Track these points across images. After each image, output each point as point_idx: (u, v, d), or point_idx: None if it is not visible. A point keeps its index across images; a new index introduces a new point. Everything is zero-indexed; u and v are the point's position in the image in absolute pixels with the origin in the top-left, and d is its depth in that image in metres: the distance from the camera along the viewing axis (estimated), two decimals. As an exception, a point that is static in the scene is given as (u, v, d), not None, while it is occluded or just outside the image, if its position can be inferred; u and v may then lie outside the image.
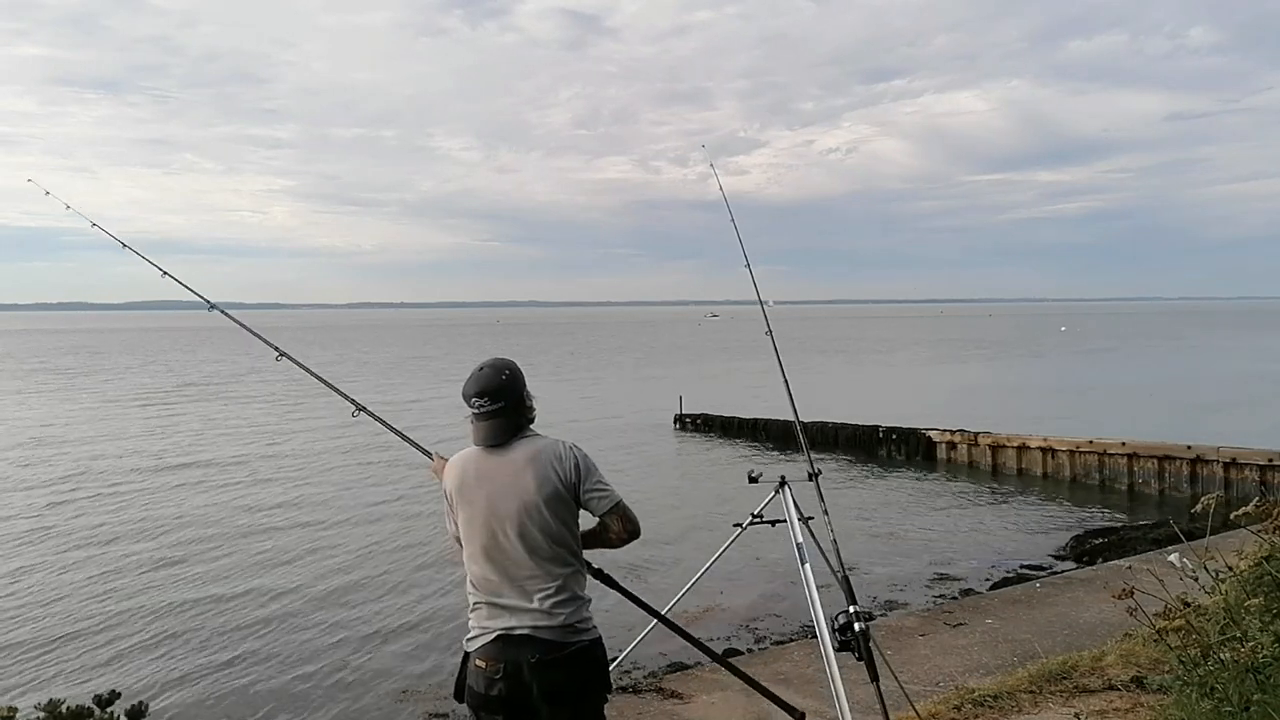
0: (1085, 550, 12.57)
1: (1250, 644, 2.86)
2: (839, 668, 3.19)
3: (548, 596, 2.81)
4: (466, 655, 2.90)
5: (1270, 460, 15.34)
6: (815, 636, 3.37)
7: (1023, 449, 19.01)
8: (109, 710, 3.46)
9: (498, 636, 2.82)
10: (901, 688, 4.14)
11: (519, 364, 3.01)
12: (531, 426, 3.00)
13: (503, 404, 2.90)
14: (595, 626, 2.92)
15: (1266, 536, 3.24)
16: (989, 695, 5.15)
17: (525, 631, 2.79)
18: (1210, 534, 3.60)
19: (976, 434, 19.98)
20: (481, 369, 2.96)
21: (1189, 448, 16.43)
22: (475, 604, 2.92)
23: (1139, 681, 5.17)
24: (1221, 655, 2.96)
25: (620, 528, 2.95)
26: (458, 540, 2.99)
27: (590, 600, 2.95)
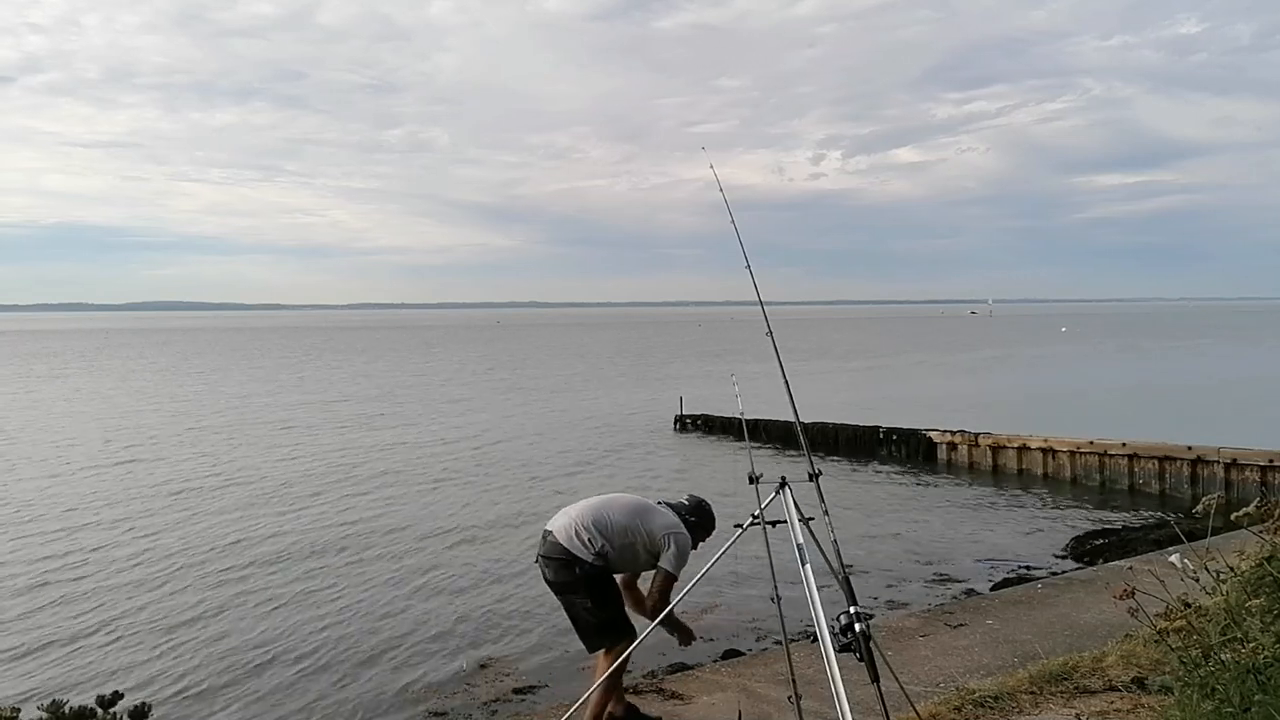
0: (1086, 551, 12.59)
1: (1251, 645, 2.86)
2: (839, 668, 3.19)
3: None
4: None
5: (1271, 461, 15.33)
6: (815, 637, 3.37)
7: (1023, 450, 19.02)
8: (112, 711, 3.46)
9: None
10: (902, 688, 4.14)
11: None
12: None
13: None
14: None
15: (1268, 537, 3.24)
16: (990, 696, 5.15)
17: None
18: (1211, 535, 3.60)
19: (977, 435, 19.98)
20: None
21: (1189, 448, 16.43)
22: None
23: (1140, 682, 5.18)
24: (1223, 656, 2.96)
25: None
26: None
27: None
